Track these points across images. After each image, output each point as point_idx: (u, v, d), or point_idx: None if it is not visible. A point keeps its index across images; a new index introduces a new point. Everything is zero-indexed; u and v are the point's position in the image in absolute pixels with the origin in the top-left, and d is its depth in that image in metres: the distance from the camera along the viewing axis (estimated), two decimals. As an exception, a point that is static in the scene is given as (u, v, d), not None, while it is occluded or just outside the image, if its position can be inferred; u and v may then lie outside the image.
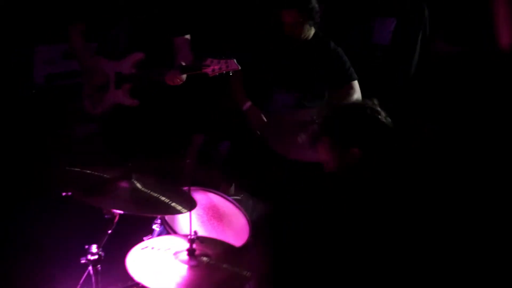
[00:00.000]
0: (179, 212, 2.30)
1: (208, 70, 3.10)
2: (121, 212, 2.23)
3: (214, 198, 2.90)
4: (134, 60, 3.41)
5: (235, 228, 2.81)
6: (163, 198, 2.32)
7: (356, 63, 3.72)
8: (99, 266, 2.31)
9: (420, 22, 3.96)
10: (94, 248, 2.30)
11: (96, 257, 2.29)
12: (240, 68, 3.09)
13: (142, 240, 2.73)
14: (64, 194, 2.12)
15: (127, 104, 3.46)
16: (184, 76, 3.29)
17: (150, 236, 2.77)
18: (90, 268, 2.31)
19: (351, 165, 2.23)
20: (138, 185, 2.32)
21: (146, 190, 2.32)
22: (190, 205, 2.33)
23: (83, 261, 2.29)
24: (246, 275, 2.25)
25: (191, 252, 2.21)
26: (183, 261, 2.20)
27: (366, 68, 3.94)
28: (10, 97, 4.32)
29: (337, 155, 2.26)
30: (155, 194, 2.33)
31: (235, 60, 3.09)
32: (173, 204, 2.29)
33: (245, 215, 2.84)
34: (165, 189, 2.42)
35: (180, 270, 2.16)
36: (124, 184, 2.30)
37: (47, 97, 4.46)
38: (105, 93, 3.49)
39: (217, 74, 3.10)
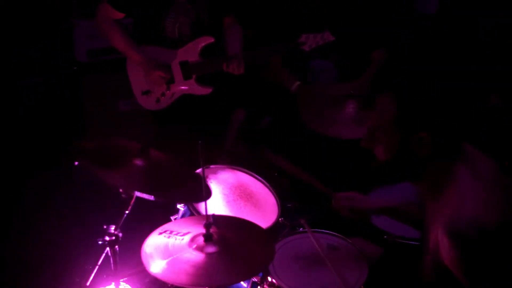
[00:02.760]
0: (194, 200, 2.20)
1: (306, 47, 3.06)
2: (135, 191, 2.15)
3: (243, 177, 2.79)
4: (201, 46, 3.19)
5: (263, 208, 2.69)
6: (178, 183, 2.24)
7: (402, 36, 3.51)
8: (117, 247, 2.26)
9: None
10: (112, 229, 2.25)
11: (113, 238, 2.24)
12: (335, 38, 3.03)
13: (168, 220, 2.68)
14: (76, 163, 2.06)
15: (201, 93, 3.26)
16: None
17: (177, 216, 2.70)
18: (107, 249, 2.26)
19: (412, 155, 1.78)
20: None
21: (162, 174, 2.24)
22: (207, 190, 2.22)
23: (100, 242, 2.24)
24: (271, 255, 2.14)
25: (207, 238, 2.09)
26: (200, 247, 2.08)
27: (417, 41, 3.72)
28: (52, 73, 4.34)
29: (397, 138, 1.79)
30: (171, 176, 2.25)
31: (329, 32, 3.04)
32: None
33: (274, 195, 2.71)
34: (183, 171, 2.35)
35: (197, 257, 2.03)
36: (139, 162, 2.21)
37: (89, 73, 4.45)
38: (169, 85, 3.26)
39: (314, 47, 3.05)
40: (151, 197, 2.32)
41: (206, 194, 2.22)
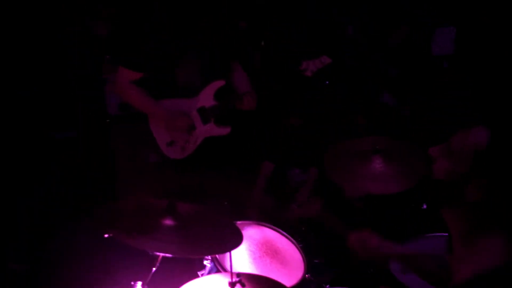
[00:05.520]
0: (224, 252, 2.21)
1: (308, 73, 3.22)
2: (164, 254, 2.16)
3: (269, 233, 2.80)
4: (215, 90, 3.34)
5: (289, 266, 2.68)
6: (209, 237, 2.25)
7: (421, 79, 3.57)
8: (144, 304, 2.27)
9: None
10: (139, 286, 2.27)
11: (141, 295, 2.26)
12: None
13: (195, 275, 2.69)
14: (106, 236, 2.08)
15: (221, 134, 3.42)
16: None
17: (203, 272, 2.71)
18: (135, 306, 2.28)
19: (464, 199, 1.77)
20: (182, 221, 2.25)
21: (191, 227, 2.25)
22: (234, 243, 2.23)
23: (127, 299, 2.26)
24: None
25: (232, 296, 2.11)
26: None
27: (436, 82, 3.75)
28: (85, 126, 4.47)
29: (462, 168, 1.75)
30: (201, 232, 2.26)
31: (326, 56, 3.21)
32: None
33: (300, 252, 2.71)
34: (212, 224, 2.36)
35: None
36: (168, 222, 2.24)
37: (120, 125, 4.54)
38: (191, 132, 3.37)
39: (315, 72, 3.21)
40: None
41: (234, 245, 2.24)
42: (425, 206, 3.47)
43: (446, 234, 2.75)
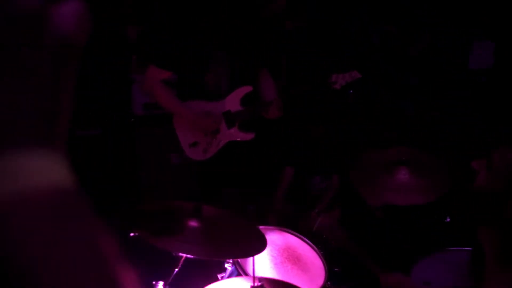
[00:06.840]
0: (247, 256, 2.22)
1: (337, 86, 3.23)
2: (188, 256, 2.18)
3: (291, 239, 2.80)
4: (241, 95, 3.37)
5: (310, 272, 2.68)
6: (233, 240, 2.26)
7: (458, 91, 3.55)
8: (165, 304, 2.29)
9: None
10: (160, 286, 2.29)
11: (161, 294, 2.28)
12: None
13: (215, 278, 2.70)
14: (132, 234, 2.10)
15: (244, 139, 3.44)
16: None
17: (224, 275, 2.72)
18: (156, 305, 2.29)
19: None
20: (207, 224, 2.26)
21: (215, 231, 2.26)
22: (258, 248, 2.24)
23: (149, 298, 2.28)
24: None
25: (254, 301, 2.11)
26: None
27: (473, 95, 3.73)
28: (110, 125, 4.51)
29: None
30: (225, 235, 2.27)
31: (357, 71, 3.22)
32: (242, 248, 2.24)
33: (321, 259, 2.70)
34: (236, 228, 2.37)
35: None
36: (193, 224, 2.25)
37: (144, 126, 4.59)
38: (215, 135, 3.40)
39: (344, 85, 3.22)
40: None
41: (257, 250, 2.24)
42: (448, 219, 3.44)
43: (470, 248, 2.75)
